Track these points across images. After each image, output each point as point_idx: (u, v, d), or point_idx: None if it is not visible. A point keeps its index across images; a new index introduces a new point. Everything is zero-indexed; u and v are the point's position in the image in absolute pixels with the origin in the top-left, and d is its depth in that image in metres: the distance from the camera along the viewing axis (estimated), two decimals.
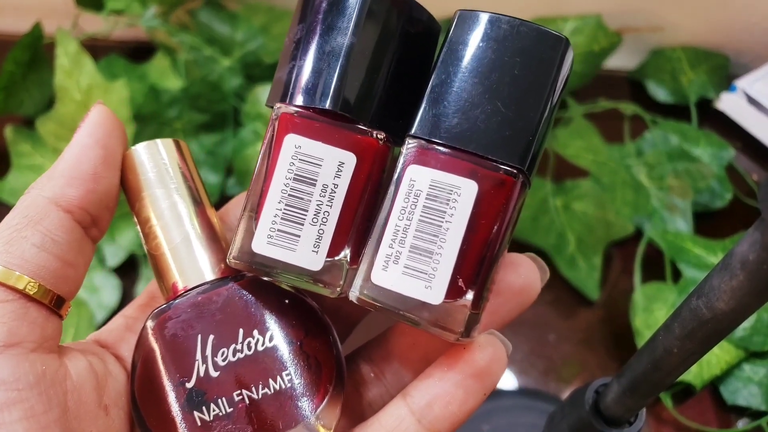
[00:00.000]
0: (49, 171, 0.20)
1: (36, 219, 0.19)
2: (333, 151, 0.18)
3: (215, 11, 0.52)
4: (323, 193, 0.18)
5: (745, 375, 0.41)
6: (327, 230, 0.18)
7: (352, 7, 0.18)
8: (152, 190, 0.20)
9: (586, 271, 0.46)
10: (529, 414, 0.40)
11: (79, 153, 0.20)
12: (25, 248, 0.18)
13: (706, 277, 0.17)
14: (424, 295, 0.18)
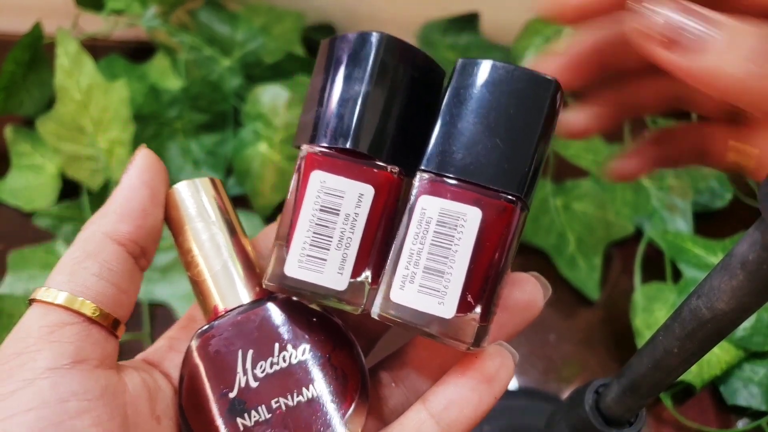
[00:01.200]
0: (103, 208, 0.23)
1: (94, 252, 0.21)
2: (354, 185, 0.21)
3: (215, 11, 0.52)
4: (346, 221, 0.21)
5: (745, 375, 0.41)
6: (350, 254, 0.21)
7: (367, 60, 0.21)
8: (193, 224, 0.23)
9: (586, 271, 0.46)
10: (529, 414, 0.40)
11: (129, 193, 0.23)
12: (86, 277, 0.21)
13: (706, 277, 0.17)
14: (437, 310, 0.20)
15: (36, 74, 0.49)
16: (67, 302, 0.20)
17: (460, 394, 0.22)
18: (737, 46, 0.18)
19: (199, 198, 0.24)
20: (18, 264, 0.45)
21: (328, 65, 0.22)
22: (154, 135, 0.48)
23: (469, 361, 0.22)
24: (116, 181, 0.46)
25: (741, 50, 0.18)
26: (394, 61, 0.21)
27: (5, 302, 0.40)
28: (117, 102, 0.46)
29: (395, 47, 0.21)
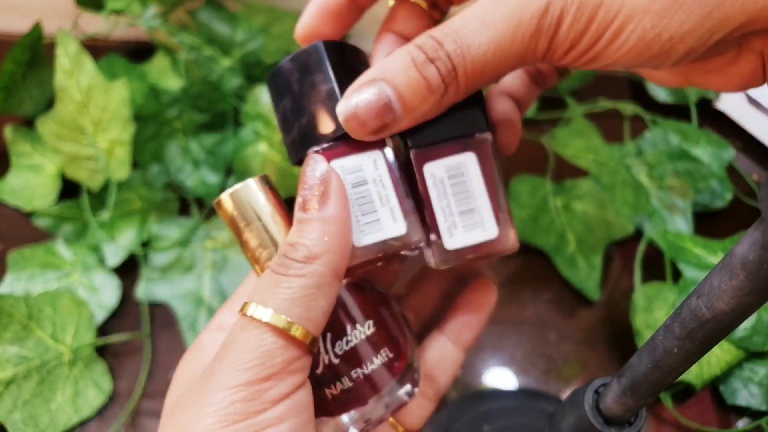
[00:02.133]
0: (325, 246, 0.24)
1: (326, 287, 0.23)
2: (364, 156, 0.25)
3: (215, 11, 0.52)
4: (375, 184, 0.25)
5: (745, 375, 0.41)
6: (393, 204, 0.25)
7: (320, 63, 0.25)
8: (255, 223, 0.25)
9: (586, 271, 0.46)
10: (529, 414, 0.39)
11: (343, 230, 0.24)
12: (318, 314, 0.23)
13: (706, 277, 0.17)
14: (485, 235, 0.25)
15: (36, 74, 0.49)
16: (302, 336, 0.22)
17: (466, 319, 0.31)
18: (410, 86, 0.22)
19: (255, 198, 0.25)
20: (18, 264, 0.45)
21: (286, 89, 0.25)
22: (154, 135, 0.48)
23: (467, 297, 0.31)
24: (116, 180, 0.46)
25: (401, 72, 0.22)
26: (339, 56, 0.25)
27: (5, 302, 0.40)
28: (117, 102, 0.46)
29: (332, 46, 0.25)
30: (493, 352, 0.44)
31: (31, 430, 0.39)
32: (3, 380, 0.39)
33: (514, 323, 0.45)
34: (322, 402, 0.25)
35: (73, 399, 0.40)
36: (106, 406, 0.41)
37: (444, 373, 0.31)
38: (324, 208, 0.23)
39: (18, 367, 0.39)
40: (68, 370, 0.41)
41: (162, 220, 0.47)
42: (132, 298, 0.45)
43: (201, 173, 0.49)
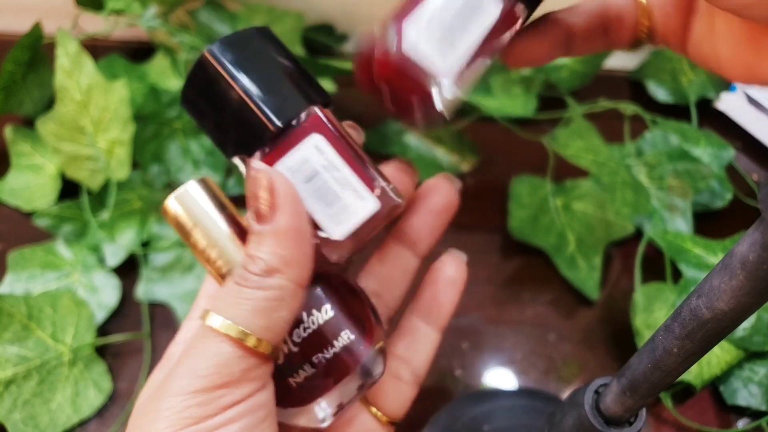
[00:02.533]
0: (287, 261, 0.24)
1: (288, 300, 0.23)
2: (304, 146, 0.24)
3: (215, 11, 0.52)
4: (328, 170, 0.24)
5: (745, 375, 0.41)
6: (354, 183, 0.24)
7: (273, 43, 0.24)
8: (201, 225, 0.25)
9: (586, 271, 0.46)
10: (529, 414, 0.39)
11: (299, 241, 0.23)
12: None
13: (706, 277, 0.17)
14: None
15: (36, 74, 0.49)
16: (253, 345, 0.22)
17: (436, 298, 0.30)
18: None
19: (199, 199, 0.25)
20: (18, 264, 0.45)
21: (206, 93, 0.24)
22: (154, 135, 0.48)
23: (435, 271, 0.30)
24: (116, 180, 0.46)
25: None
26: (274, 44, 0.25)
27: (5, 302, 0.40)
28: (117, 102, 0.46)
29: (265, 32, 0.25)
30: (492, 353, 0.44)
31: (31, 430, 0.39)
32: (3, 380, 0.39)
33: (514, 323, 0.45)
34: (289, 392, 0.25)
35: (73, 399, 0.40)
36: (106, 406, 0.41)
37: (418, 353, 0.30)
38: (275, 220, 0.22)
39: (18, 367, 0.39)
40: (68, 370, 0.41)
41: (162, 220, 0.47)
42: (132, 298, 0.45)
43: (201, 173, 0.49)
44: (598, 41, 0.27)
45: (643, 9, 0.26)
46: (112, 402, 0.41)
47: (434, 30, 0.23)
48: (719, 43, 0.24)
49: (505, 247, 0.48)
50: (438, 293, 0.30)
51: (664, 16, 0.26)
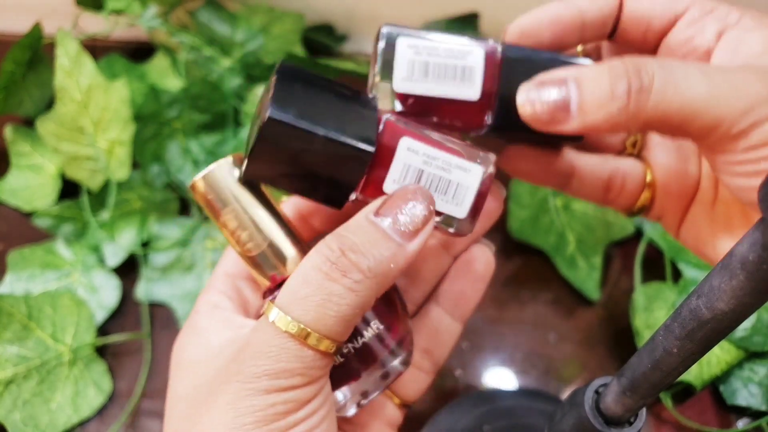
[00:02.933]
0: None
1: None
2: (400, 155, 0.24)
3: (215, 11, 0.52)
4: (429, 164, 0.25)
5: (745, 375, 0.41)
6: (455, 162, 0.24)
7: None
8: (232, 205, 0.24)
9: (586, 271, 0.46)
10: (529, 414, 0.39)
11: (404, 268, 0.23)
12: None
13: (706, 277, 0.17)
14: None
15: (36, 74, 0.49)
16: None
17: (461, 290, 0.30)
18: (594, 91, 0.21)
19: (230, 178, 0.24)
20: (18, 264, 0.45)
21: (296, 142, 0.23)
22: (154, 135, 0.48)
23: (462, 266, 0.30)
24: (116, 180, 0.46)
25: (600, 93, 0.21)
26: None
27: (5, 302, 0.40)
28: (117, 102, 0.46)
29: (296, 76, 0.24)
30: (493, 353, 0.44)
31: (31, 429, 0.39)
32: (3, 380, 0.39)
33: (514, 323, 0.45)
34: None
35: (73, 399, 0.40)
36: (106, 406, 0.41)
37: (441, 346, 0.30)
38: (410, 241, 0.22)
39: (18, 367, 0.39)
40: (68, 370, 0.41)
41: (162, 220, 0.47)
42: (132, 298, 0.45)
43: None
44: (596, 195, 0.29)
45: (650, 186, 0.28)
46: (112, 402, 0.41)
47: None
48: (718, 233, 0.26)
49: (505, 247, 0.48)
50: (466, 288, 0.30)
51: (667, 197, 0.28)
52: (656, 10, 0.25)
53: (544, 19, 0.25)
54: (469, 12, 0.55)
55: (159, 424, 0.41)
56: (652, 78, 0.20)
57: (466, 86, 0.24)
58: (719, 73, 0.20)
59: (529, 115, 0.22)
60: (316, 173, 0.23)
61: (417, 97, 0.24)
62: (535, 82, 0.22)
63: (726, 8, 0.24)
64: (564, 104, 0.21)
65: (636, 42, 0.26)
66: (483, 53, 0.25)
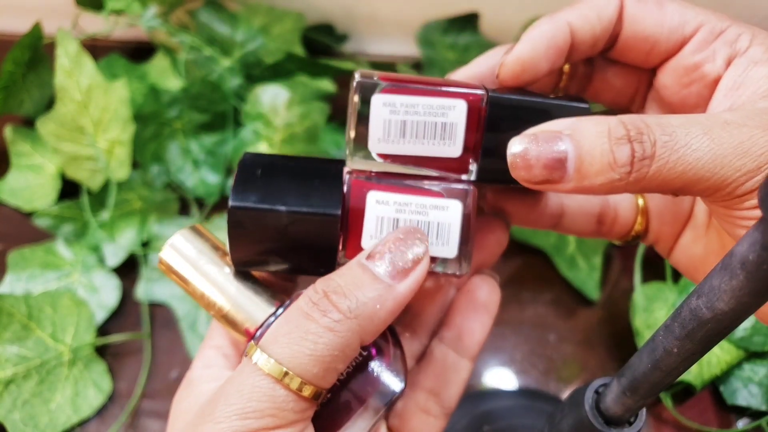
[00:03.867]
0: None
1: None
2: (374, 212, 0.24)
3: (215, 11, 0.52)
4: (419, 213, 0.24)
5: (745, 375, 0.41)
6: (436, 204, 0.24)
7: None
8: (196, 271, 0.25)
9: (586, 271, 0.46)
10: (529, 414, 0.39)
11: (396, 310, 0.22)
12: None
13: (706, 277, 0.17)
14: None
15: (36, 74, 0.49)
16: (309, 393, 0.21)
17: (466, 324, 0.28)
18: (594, 155, 0.19)
19: (190, 247, 0.25)
20: (18, 264, 0.45)
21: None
22: (154, 135, 0.48)
23: (465, 298, 0.28)
24: (116, 180, 0.46)
25: (597, 154, 0.19)
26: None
27: (5, 301, 0.40)
28: (117, 102, 0.46)
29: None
30: (493, 353, 0.44)
31: (31, 429, 0.39)
32: (2, 380, 0.39)
33: (514, 323, 0.45)
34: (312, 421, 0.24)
35: (73, 399, 0.40)
36: (106, 406, 0.41)
37: (448, 385, 0.28)
38: (400, 281, 0.21)
39: (18, 367, 0.39)
40: (68, 370, 0.41)
41: (162, 220, 0.47)
42: (132, 298, 0.45)
43: (201, 173, 0.49)
44: (589, 230, 0.28)
45: (643, 213, 0.28)
46: (111, 402, 0.41)
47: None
48: (711, 258, 0.25)
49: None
50: (469, 320, 0.28)
51: (661, 223, 0.27)
52: (663, 33, 0.23)
53: (540, 47, 0.23)
54: (469, 12, 0.55)
55: (159, 424, 0.41)
56: (654, 143, 0.19)
57: (447, 144, 0.23)
58: (723, 129, 0.19)
59: (521, 174, 0.20)
60: (296, 248, 0.23)
61: (395, 155, 0.24)
62: (528, 135, 0.20)
63: (737, 30, 0.22)
64: (559, 163, 0.20)
65: (636, 62, 0.25)
66: (465, 107, 0.23)
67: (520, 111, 0.23)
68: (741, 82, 0.22)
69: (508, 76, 0.24)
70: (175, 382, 0.42)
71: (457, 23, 0.55)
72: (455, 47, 0.55)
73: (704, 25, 0.23)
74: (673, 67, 0.24)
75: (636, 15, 0.23)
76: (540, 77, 0.24)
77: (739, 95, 0.21)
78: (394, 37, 0.58)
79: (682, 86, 0.24)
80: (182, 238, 0.25)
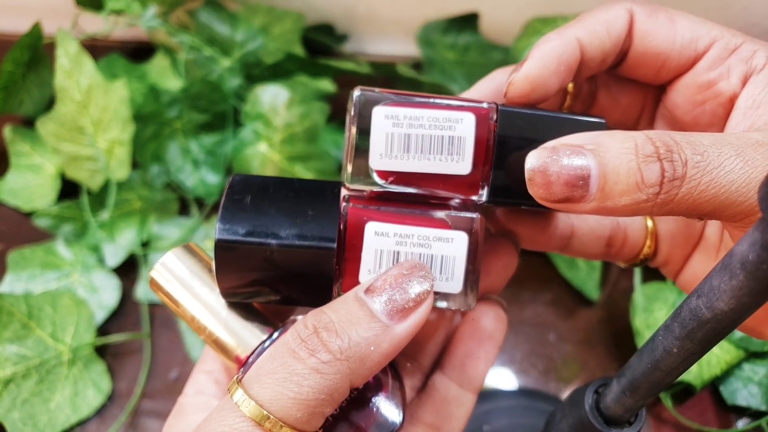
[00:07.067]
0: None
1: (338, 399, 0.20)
2: (371, 245, 0.22)
3: (215, 11, 0.52)
4: (414, 245, 0.22)
5: (745, 375, 0.41)
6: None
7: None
8: (186, 294, 0.24)
9: (586, 271, 0.46)
10: (529, 414, 0.39)
11: (393, 353, 0.21)
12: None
13: (706, 277, 0.17)
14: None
15: (36, 74, 0.49)
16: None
17: (470, 357, 0.26)
18: (620, 173, 0.18)
19: (182, 267, 0.24)
20: (18, 263, 0.45)
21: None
22: (154, 135, 0.48)
23: (468, 326, 0.26)
24: (116, 180, 0.46)
25: (624, 173, 0.18)
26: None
27: (5, 301, 0.40)
28: (117, 102, 0.46)
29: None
30: None
31: (30, 429, 0.39)
32: (2, 379, 0.39)
33: (514, 323, 0.45)
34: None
35: (72, 399, 0.40)
36: (106, 406, 0.41)
37: (449, 420, 0.26)
38: (399, 322, 0.20)
39: (17, 366, 0.39)
40: (67, 369, 0.41)
41: (162, 220, 0.47)
42: (132, 298, 0.45)
43: (201, 173, 0.49)
44: (598, 253, 0.27)
45: (652, 235, 0.26)
46: (111, 402, 0.41)
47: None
48: None
49: None
50: (473, 350, 0.26)
51: (671, 246, 0.26)
52: (674, 48, 0.22)
53: (550, 65, 0.22)
54: (469, 12, 0.55)
55: (158, 424, 0.41)
56: (686, 163, 0.17)
57: (456, 160, 0.21)
58: (756, 150, 0.18)
59: (539, 192, 0.18)
60: (289, 282, 0.22)
61: (399, 173, 0.22)
62: (548, 149, 0.18)
63: (751, 46, 0.21)
64: (581, 180, 0.18)
65: (646, 78, 0.24)
66: (474, 120, 0.21)
67: (533, 125, 0.22)
68: (761, 101, 0.20)
69: (517, 95, 0.22)
70: (175, 382, 0.42)
71: (457, 23, 0.55)
72: (455, 47, 0.55)
73: (717, 41, 0.22)
74: (685, 85, 0.23)
75: (647, 30, 0.22)
76: (550, 96, 0.23)
77: (759, 115, 0.20)
78: (394, 37, 0.58)
79: (695, 105, 0.23)
80: (174, 258, 0.24)
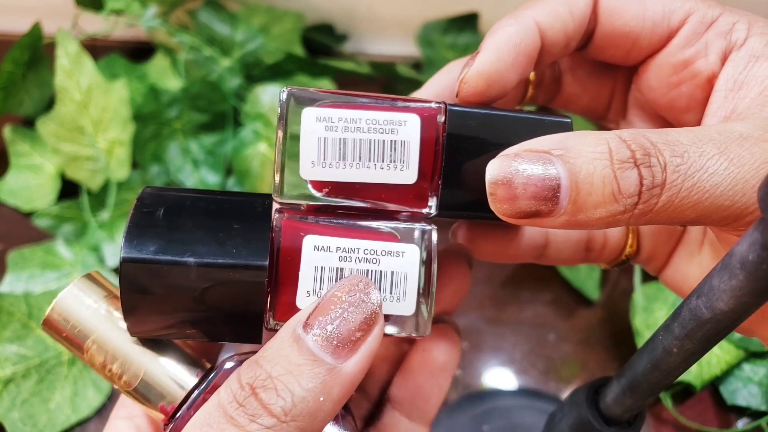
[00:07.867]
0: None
1: None
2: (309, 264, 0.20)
3: (215, 11, 0.52)
4: (363, 261, 0.20)
5: (745, 375, 0.41)
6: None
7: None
8: (92, 335, 0.20)
9: (586, 271, 0.46)
10: (529, 414, 0.39)
11: (346, 395, 0.19)
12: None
13: (706, 277, 0.17)
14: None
15: (36, 74, 0.49)
16: None
17: (421, 389, 0.24)
18: (593, 182, 0.16)
19: (86, 303, 0.20)
20: (18, 264, 0.45)
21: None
22: (154, 135, 0.48)
23: (419, 356, 0.24)
24: (116, 180, 0.46)
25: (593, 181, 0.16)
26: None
27: (5, 300, 0.40)
28: (117, 102, 0.46)
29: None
30: (492, 353, 0.44)
31: (30, 429, 0.39)
32: (2, 379, 0.39)
33: (514, 323, 0.45)
34: None
35: (72, 398, 0.40)
36: (105, 406, 0.41)
37: None
38: (347, 358, 0.17)
39: (17, 366, 0.39)
40: (67, 369, 0.41)
41: None
42: None
43: (201, 173, 0.49)
44: (577, 258, 0.25)
45: (634, 234, 0.25)
46: (111, 402, 0.41)
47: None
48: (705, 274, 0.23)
49: None
50: (424, 384, 0.24)
51: (654, 243, 0.25)
52: (645, 26, 0.20)
53: (506, 56, 0.19)
54: (469, 12, 0.55)
55: None
56: (665, 167, 0.15)
57: (399, 168, 0.19)
58: (740, 146, 0.16)
59: (503, 207, 0.16)
60: (211, 311, 0.18)
61: (335, 183, 0.19)
62: (509, 156, 0.16)
63: (730, 18, 0.19)
64: (551, 191, 0.16)
65: (614, 60, 0.22)
66: (418, 122, 0.19)
67: (490, 127, 0.19)
68: (742, 81, 0.18)
69: (470, 94, 0.20)
70: None
71: (456, 23, 0.55)
72: (455, 47, 0.55)
73: (693, 14, 0.20)
74: (658, 65, 0.21)
75: (613, 7, 0.20)
76: (508, 91, 0.20)
77: (741, 97, 0.18)
78: (393, 37, 0.58)
79: (670, 87, 0.21)
80: (77, 290, 0.20)
